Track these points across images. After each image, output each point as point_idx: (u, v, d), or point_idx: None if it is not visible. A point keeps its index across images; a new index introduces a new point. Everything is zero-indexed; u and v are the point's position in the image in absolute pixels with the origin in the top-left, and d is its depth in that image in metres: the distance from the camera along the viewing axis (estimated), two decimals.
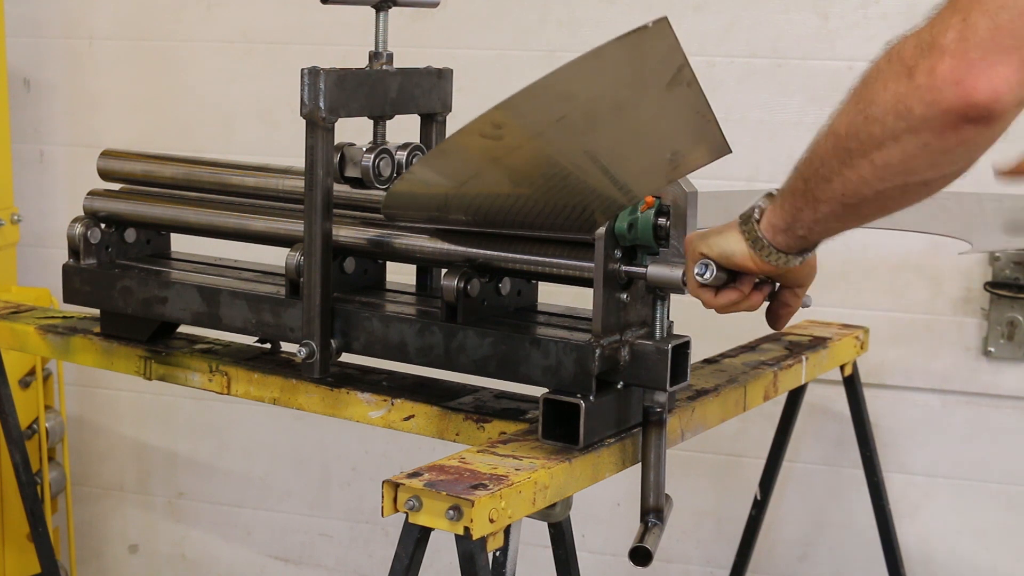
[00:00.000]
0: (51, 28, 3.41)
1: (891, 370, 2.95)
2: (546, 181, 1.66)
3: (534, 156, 1.60)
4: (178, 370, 2.20)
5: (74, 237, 2.24)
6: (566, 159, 1.60)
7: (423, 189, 1.80)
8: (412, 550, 1.61)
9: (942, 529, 2.99)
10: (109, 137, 3.24)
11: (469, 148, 1.62)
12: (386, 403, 1.99)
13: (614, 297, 1.75)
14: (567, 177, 1.64)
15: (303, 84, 1.86)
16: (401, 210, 1.88)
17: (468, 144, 1.61)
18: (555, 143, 1.56)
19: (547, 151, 1.58)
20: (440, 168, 1.74)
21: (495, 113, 1.49)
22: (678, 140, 1.57)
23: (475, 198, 1.77)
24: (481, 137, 1.55)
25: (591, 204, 1.67)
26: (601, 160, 1.59)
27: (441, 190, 1.78)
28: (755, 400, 2.19)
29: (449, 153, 1.68)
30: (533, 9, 3.06)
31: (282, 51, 3.24)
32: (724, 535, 3.10)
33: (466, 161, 1.67)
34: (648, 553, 1.72)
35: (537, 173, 1.65)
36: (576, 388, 1.75)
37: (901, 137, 1.31)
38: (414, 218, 1.91)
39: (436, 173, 1.76)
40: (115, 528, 3.64)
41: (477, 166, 1.68)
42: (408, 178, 1.85)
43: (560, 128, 1.52)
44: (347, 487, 3.41)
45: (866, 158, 1.35)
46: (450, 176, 1.74)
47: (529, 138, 1.55)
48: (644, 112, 1.51)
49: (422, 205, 1.84)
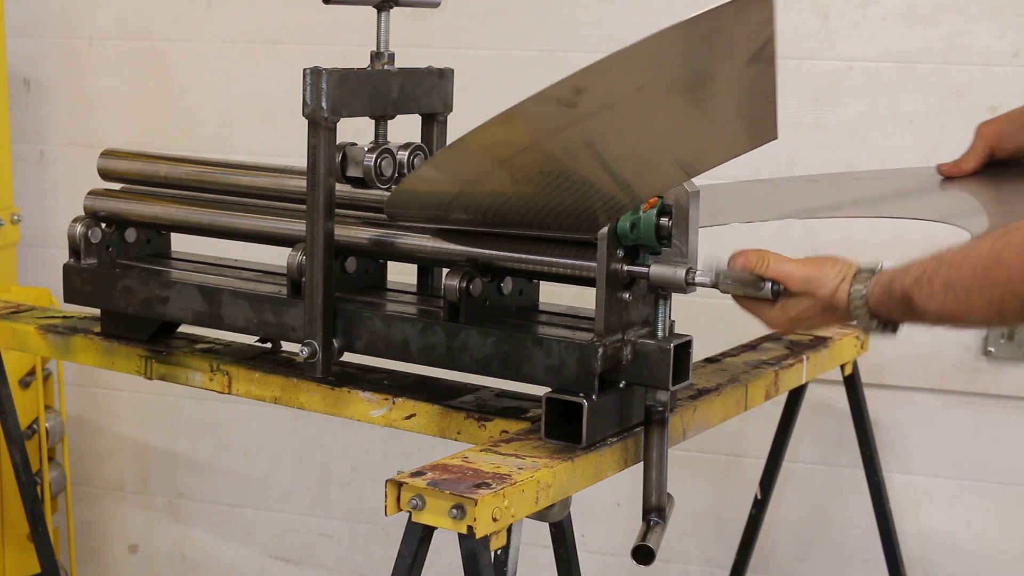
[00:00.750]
0: (51, 28, 3.41)
1: (891, 370, 2.95)
2: (553, 180, 1.65)
3: (557, 152, 1.59)
4: (179, 370, 2.20)
5: (75, 237, 2.24)
6: (592, 152, 1.59)
7: (429, 188, 1.80)
8: (415, 549, 1.61)
9: (942, 529, 2.99)
10: (109, 137, 3.23)
11: (488, 143, 1.60)
12: (387, 402, 1.99)
13: (616, 296, 1.75)
14: (572, 177, 1.63)
15: (305, 84, 1.86)
16: (404, 210, 1.88)
17: (488, 138, 1.59)
18: (625, 117, 1.53)
19: (591, 136, 1.57)
20: (451, 167, 1.73)
21: (578, 78, 1.45)
22: (734, 121, 1.55)
23: (479, 198, 1.77)
24: (557, 104, 1.49)
25: (600, 201, 1.67)
26: (640, 148, 1.58)
27: (448, 189, 1.78)
28: (756, 399, 2.19)
29: (464, 150, 1.66)
30: (533, 9, 3.06)
31: (282, 51, 3.24)
32: (724, 535, 3.11)
33: (479, 160, 1.66)
34: (651, 552, 1.73)
35: (547, 172, 1.64)
36: (578, 387, 1.75)
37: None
38: (416, 218, 1.91)
39: (446, 172, 1.75)
40: (115, 528, 3.64)
41: (488, 165, 1.67)
42: (415, 177, 1.84)
43: (639, 97, 1.49)
44: (347, 487, 3.41)
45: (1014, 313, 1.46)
46: (460, 175, 1.73)
47: (604, 107, 1.51)
48: (718, 85, 1.49)
49: (425, 205, 1.84)
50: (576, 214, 1.71)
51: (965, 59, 2.74)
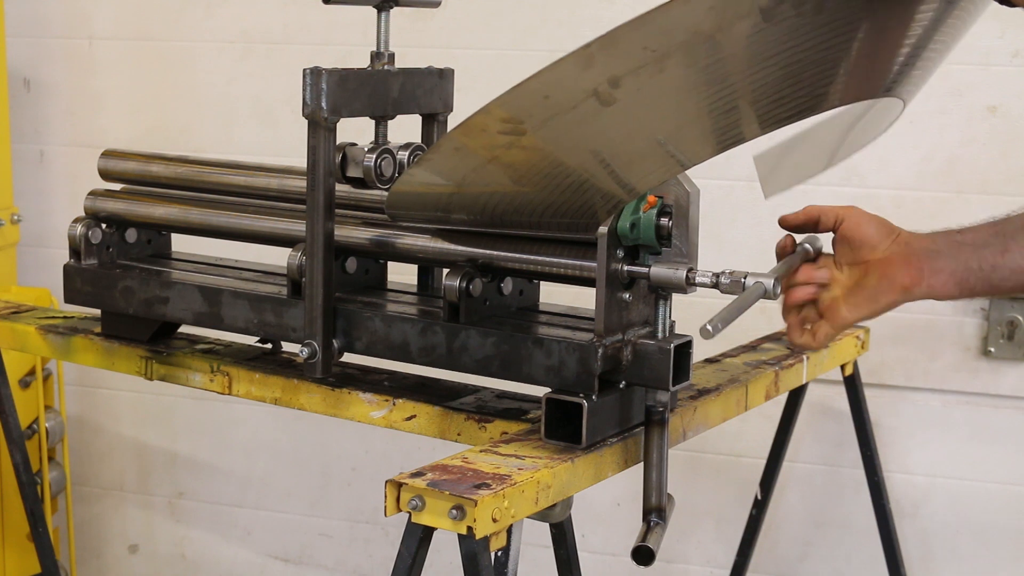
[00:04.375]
0: (51, 28, 3.41)
1: (891, 370, 2.95)
2: (545, 173, 1.63)
3: (543, 146, 1.58)
4: (179, 370, 2.20)
5: (75, 237, 2.24)
6: (586, 142, 1.57)
7: (424, 187, 1.79)
8: (415, 550, 1.61)
9: (942, 529, 2.99)
10: (109, 137, 3.24)
11: (474, 136, 1.60)
12: (388, 403, 1.99)
13: (616, 297, 1.75)
14: (563, 169, 1.62)
15: (305, 84, 1.86)
16: (404, 209, 1.87)
17: (483, 129, 1.57)
18: (636, 96, 1.49)
19: (576, 132, 1.54)
20: (441, 163, 1.72)
21: (593, 47, 1.43)
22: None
23: (476, 195, 1.76)
24: (580, 71, 1.46)
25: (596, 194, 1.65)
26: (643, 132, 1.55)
27: (442, 185, 1.77)
28: (756, 399, 2.19)
29: (453, 145, 1.66)
30: (533, 9, 3.06)
31: (282, 51, 3.24)
32: (724, 535, 3.11)
33: (470, 156, 1.65)
34: (651, 552, 1.73)
35: (537, 165, 1.63)
36: (579, 388, 1.75)
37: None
38: (417, 218, 1.91)
39: (437, 169, 1.73)
40: (115, 528, 3.64)
41: (478, 160, 1.66)
42: (408, 176, 1.83)
43: (653, 69, 1.46)
44: (347, 487, 3.41)
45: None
46: (450, 172, 1.72)
47: (615, 79, 1.47)
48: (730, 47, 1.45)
49: (425, 204, 1.84)
50: (573, 209, 1.69)
51: (965, 59, 2.74)
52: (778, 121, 1.56)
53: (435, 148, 1.73)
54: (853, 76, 1.54)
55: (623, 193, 1.65)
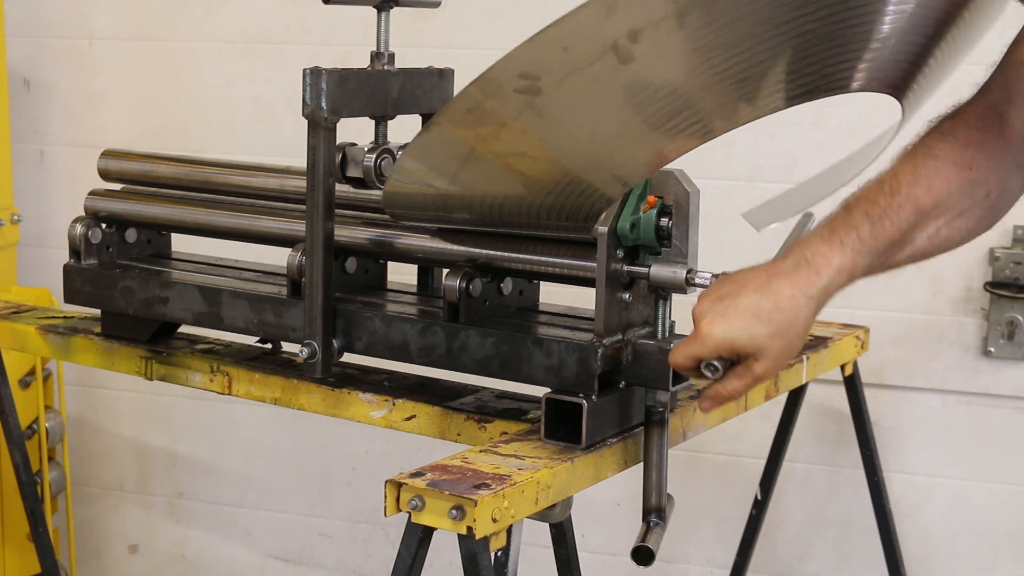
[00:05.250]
0: (51, 28, 3.41)
1: (891, 370, 2.95)
2: (557, 148, 1.61)
3: (557, 112, 1.54)
4: (179, 370, 2.20)
5: (75, 237, 2.24)
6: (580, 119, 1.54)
7: (415, 180, 1.76)
8: (415, 550, 1.61)
9: (942, 529, 2.99)
10: (109, 137, 3.24)
11: (455, 126, 1.57)
12: (387, 403, 1.99)
13: (616, 297, 1.75)
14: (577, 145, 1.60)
15: (305, 84, 1.86)
16: (401, 208, 1.87)
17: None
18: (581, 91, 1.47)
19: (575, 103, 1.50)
20: (427, 153, 1.68)
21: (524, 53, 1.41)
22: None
23: (473, 194, 1.75)
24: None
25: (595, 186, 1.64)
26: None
27: (432, 178, 1.74)
28: (756, 399, 2.19)
29: (435, 134, 1.63)
30: (533, 9, 3.05)
31: (282, 51, 3.24)
32: (724, 535, 3.11)
33: (453, 143, 1.62)
34: (651, 552, 1.73)
35: (550, 138, 1.60)
36: (578, 388, 1.75)
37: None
38: (417, 217, 1.91)
39: (423, 159, 1.69)
40: (115, 528, 3.64)
41: (463, 150, 1.63)
42: (397, 169, 1.80)
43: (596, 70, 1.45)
44: (347, 487, 3.41)
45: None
46: (437, 162, 1.69)
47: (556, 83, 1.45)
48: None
49: (421, 204, 1.83)
50: (571, 200, 1.67)
51: (965, 59, 2.73)
52: (790, 98, 1.54)
53: (412, 142, 1.68)
54: (871, 60, 1.53)
55: (629, 172, 1.61)
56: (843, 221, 1.57)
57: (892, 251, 1.58)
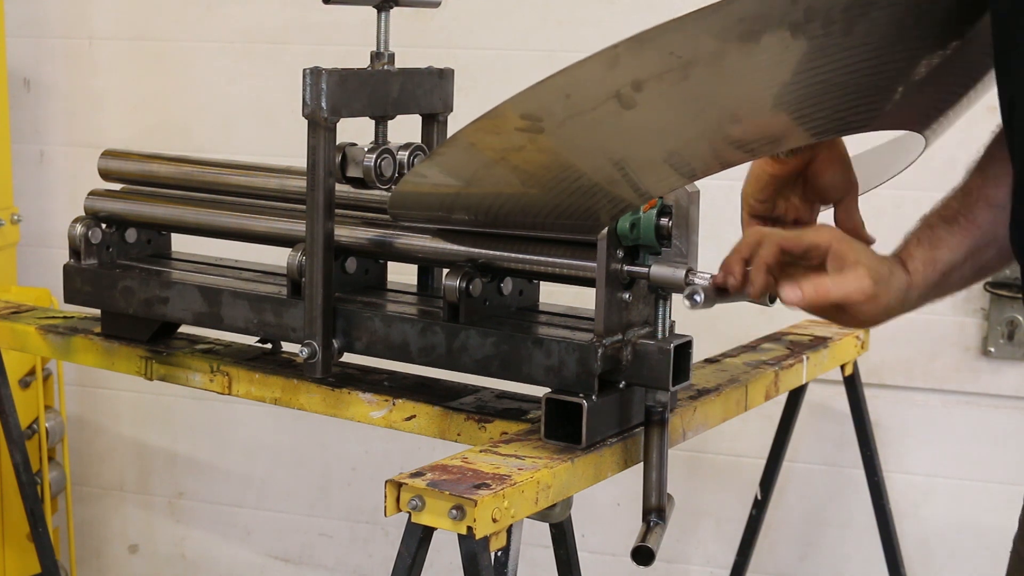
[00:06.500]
0: (51, 28, 3.41)
1: (891, 370, 2.95)
2: (560, 175, 1.63)
3: (548, 152, 1.56)
4: (179, 370, 2.20)
5: (75, 237, 2.24)
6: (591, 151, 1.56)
7: (429, 186, 1.78)
8: (415, 550, 1.61)
9: (942, 529, 2.99)
10: (109, 137, 3.24)
11: (482, 138, 1.58)
12: (387, 403, 1.99)
13: (616, 297, 1.75)
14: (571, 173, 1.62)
15: (305, 84, 1.86)
16: (407, 210, 1.87)
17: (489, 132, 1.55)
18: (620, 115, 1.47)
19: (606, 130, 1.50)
20: (448, 163, 1.71)
21: (620, 47, 1.39)
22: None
23: (480, 196, 1.76)
24: (605, 71, 1.42)
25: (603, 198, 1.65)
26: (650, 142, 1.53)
27: (448, 186, 1.76)
28: (756, 399, 2.19)
29: (460, 146, 1.64)
30: (533, 9, 3.06)
31: (282, 51, 3.24)
32: (724, 535, 3.11)
33: (476, 155, 1.64)
34: (651, 553, 1.73)
35: (553, 168, 1.61)
36: (578, 388, 1.75)
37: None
38: (419, 218, 1.91)
39: (444, 169, 1.72)
40: (115, 528, 3.64)
41: (485, 161, 1.65)
42: (413, 176, 1.82)
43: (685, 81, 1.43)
44: (347, 487, 3.41)
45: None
46: (457, 172, 1.71)
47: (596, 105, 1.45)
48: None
49: (428, 204, 1.83)
50: (579, 212, 1.69)
51: None
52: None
53: (446, 144, 1.71)
54: (878, 104, 1.53)
55: (633, 198, 1.63)
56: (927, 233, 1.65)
57: (980, 252, 1.63)
